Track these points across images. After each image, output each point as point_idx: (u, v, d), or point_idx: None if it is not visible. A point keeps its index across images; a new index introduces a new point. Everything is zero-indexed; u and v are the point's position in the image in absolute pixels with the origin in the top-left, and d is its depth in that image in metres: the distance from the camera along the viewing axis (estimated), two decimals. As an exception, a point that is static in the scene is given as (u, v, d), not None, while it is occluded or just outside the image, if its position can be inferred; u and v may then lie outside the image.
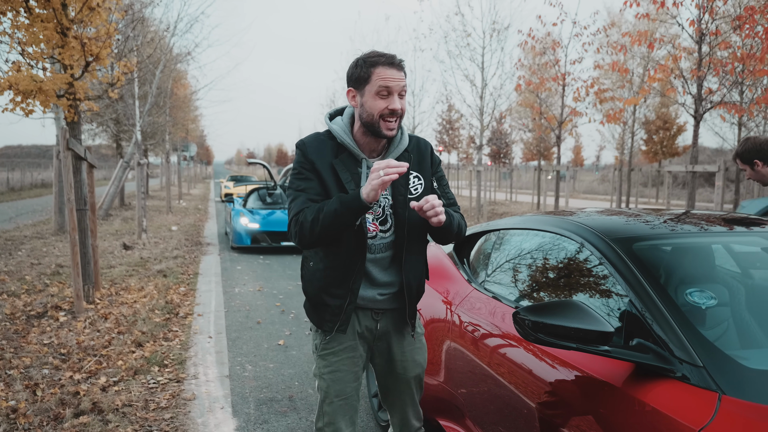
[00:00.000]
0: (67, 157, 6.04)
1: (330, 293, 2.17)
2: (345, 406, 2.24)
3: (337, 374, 2.23)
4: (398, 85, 2.04)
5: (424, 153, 2.26)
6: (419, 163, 2.23)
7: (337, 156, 2.14)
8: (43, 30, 5.95)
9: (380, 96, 2.05)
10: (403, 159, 2.18)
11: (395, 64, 2.05)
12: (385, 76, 2.04)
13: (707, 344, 1.77)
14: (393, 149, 2.18)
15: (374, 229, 2.17)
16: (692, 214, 2.84)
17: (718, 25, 9.42)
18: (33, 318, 5.83)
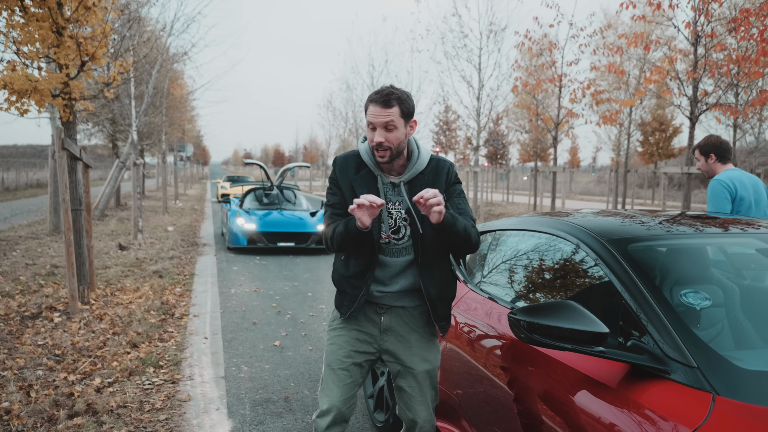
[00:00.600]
0: (63, 157, 6.02)
1: (350, 283, 2.48)
2: (334, 375, 2.49)
3: (333, 347, 2.53)
4: (379, 120, 2.29)
5: (440, 173, 2.47)
6: (434, 182, 2.43)
7: (358, 172, 2.45)
8: (38, 29, 5.93)
9: (370, 129, 2.34)
10: (418, 180, 2.42)
11: (379, 101, 2.30)
12: (371, 112, 2.32)
13: (701, 345, 1.77)
14: (408, 171, 2.44)
15: (386, 237, 2.41)
16: (687, 215, 2.85)
17: (713, 28, 9.46)
18: (27, 319, 5.81)
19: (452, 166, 2.51)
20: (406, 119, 2.36)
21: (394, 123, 2.29)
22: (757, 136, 19.87)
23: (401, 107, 2.31)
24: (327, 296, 7.58)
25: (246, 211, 12.01)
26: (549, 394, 2.10)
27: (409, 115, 2.36)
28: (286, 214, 12.03)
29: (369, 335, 2.51)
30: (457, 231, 2.27)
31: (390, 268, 2.45)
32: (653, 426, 1.62)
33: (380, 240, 2.40)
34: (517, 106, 22.13)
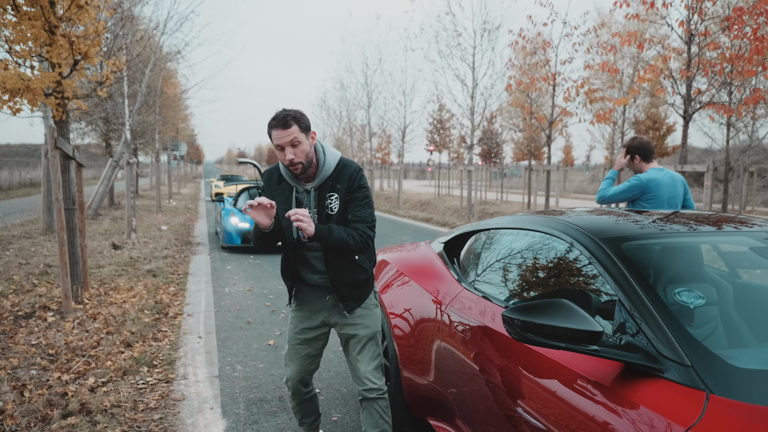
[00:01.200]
0: (55, 156, 5.99)
1: (285, 277, 3.02)
2: (292, 350, 3.05)
3: (290, 326, 3.08)
4: (285, 140, 2.66)
5: (344, 179, 2.83)
6: (337, 187, 2.82)
7: (279, 184, 2.90)
8: (30, 28, 5.89)
9: (279, 150, 2.71)
10: (324, 186, 2.82)
11: (278, 125, 2.66)
12: (275, 136, 2.69)
13: (695, 343, 1.78)
14: (317, 178, 2.82)
15: (304, 237, 2.77)
16: (681, 213, 2.86)
17: (707, 26, 9.49)
18: (21, 318, 5.78)
19: (356, 172, 2.85)
20: (306, 132, 2.72)
21: (297, 139, 2.66)
22: (750, 134, 19.96)
23: (298, 124, 2.67)
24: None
25: (240, 210, 11.98)
26: (543, 392, 2.11)
27: (307, 128, 2.73)
28: None
29: (318, 313, 3.00)
30: (331, 243, 2.71)
31: (315, 260, 2.91)
32: (647, 424, 1.63)
33: (303, 240, 2.86)
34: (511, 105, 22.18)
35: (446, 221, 18.28)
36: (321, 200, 2.82)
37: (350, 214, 2.84)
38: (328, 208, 2.83)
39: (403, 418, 3.48)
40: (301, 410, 3.17)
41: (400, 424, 3.49)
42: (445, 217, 19.92)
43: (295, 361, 3.05)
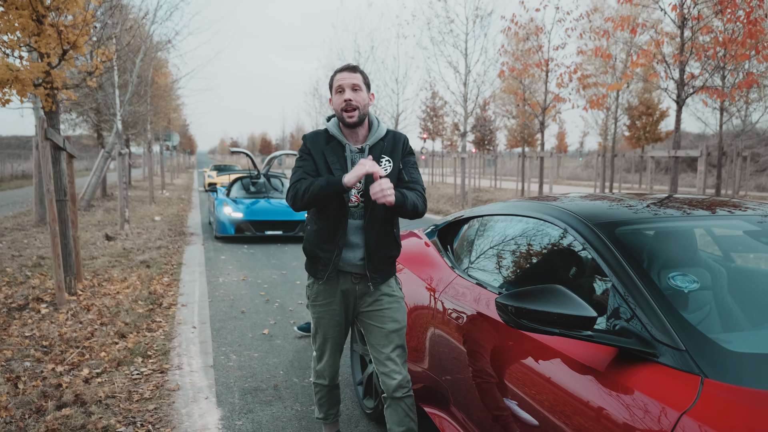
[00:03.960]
0: (46, 147, 5.93)
1: (322, 248, 2.77)
2: (328, 341, 2.93)
3: (322, 320, 2.90)
4: (347, 82, 2.67)
5: (397, 143, 2.83)
6: (392, 150, 2.80)
7: (328, 144, 2.78)
8: (18, 18, 5.81)
9: (338, 93, 2.70)
10: (378, 146, 2.78)
11: (346, 68, 2.71)
12: (338, 78, 2.70)
13: (689, 328, 1.77)
14: (371, 137, 2.79)
15: (356, 200, 2.74)
16: (675, 198, 2.85)
17: (700, 10, 9.46)
18: (14, 310, 5.75)
19: (407, 139, 2.87)
20: (367, 88, 2.75)
21: (359, 86, 2.68)
22: (743, 119, 19.99)
23: (363, 76, 2.72)
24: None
25: (233, 199, 11.94)
26: (537, 378, 2.10)
27: (369, 86, 2.77)
28: (273, 202, 11.97)
29: (346, 304, 2.86)
30: (405, 208, 2.62)
31: (357, 231, 2.76)
32: (642, 409, 1.63)
33: (349, 204, 2.72)
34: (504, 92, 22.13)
35: (440, 209, 18.28)
36: (374, 160, 2.72)
37: (407, 176, 2.80)
38: (382, 168, 2.72)
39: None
40: (329, 400, 3.11)
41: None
42: (438, 204, 19.91)
43: (335, 354, 2.98)
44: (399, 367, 2.78)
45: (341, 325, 2.92)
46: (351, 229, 2.75)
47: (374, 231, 2.74)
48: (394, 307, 2.84)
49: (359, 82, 2.68)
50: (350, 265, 2.78)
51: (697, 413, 1.50)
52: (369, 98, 2.76)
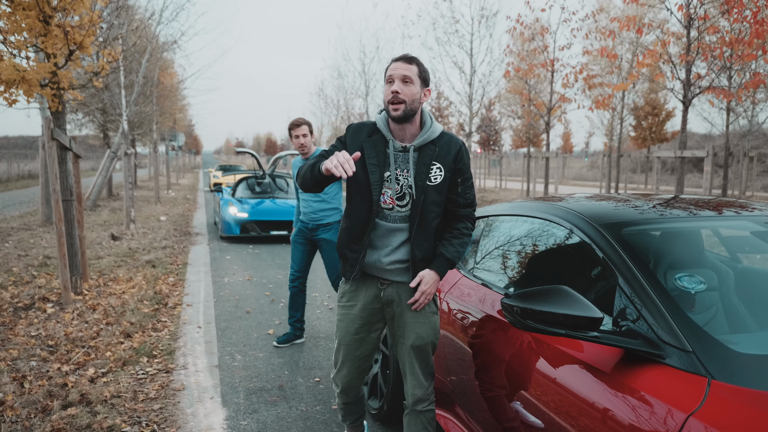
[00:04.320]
0: (52, 147, 5.96)
1: (349, 248, 2.61)
2: (341, 347, 2.73)
3: (341, 323, 2.72)
4: (398, 72, 2.43)
5: (450, 149, 2.55)
6: (443, 156, 2.53)
7: (370, 136, 2.56)
8: (25, 18, 5.84)
9: (388, 84, 2.46)
10: (427, 150, 2.51)
11: (401, 58, 2.48)
12: (391, 67, 2.47)
13: (696, 329, 1.76)
14: (420, 137, 2.53)
15: (390, 202, 2.52)
16: (681, 198, 2.84)
17: (706, 10, 9.42)
18: (20, 310, 5.77)
19: (464, 147, 2.57)
20: (423, 83, 2.48)
21: (410, 78, 2.43)
22: (750, 119, 19.90)
23: (419, 68, 2.47)
24: (320, 284, 7.57)
25: (238, 200, 11.96)
26: (542, 379, 2.10)
27: (426, 81, 2.50)
28: (278, 202, 11.98)
29: (372, 309, 2.65)
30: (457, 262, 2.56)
31: (389, 234, 2.55)
32: (648, 411, 1.62)
33: (382, 205, 2.52)
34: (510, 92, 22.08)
35: (445, 209, 18.23)
36: (421, 165, 2.49)
37: (460, 196, 2.56)
38: (430, 177, 2.50)
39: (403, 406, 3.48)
40: (348, 410, 2.94)
41: (399, 411, 3.49)
42: (444, 205, 19.84)
43: (349, 365, 2.74)
44: (420, 381, 2.63)
45: (358, 334, 2.69)
46: (382, 231, 2.55)
47: (420, 242, 2.54)
48: (420, 322, 2.60)
49: (412, 75, 2.44)
50: (378, 269, 2.60)
51: (704, 415, 1.49)
52: (423, 94, 2.50)
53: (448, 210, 2.59)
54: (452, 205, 2.58)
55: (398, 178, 2.50)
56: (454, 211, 2.59)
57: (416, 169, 2.50)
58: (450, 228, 2.60)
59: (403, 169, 2.51)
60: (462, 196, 2.56)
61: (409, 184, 2.49)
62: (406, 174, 2.51)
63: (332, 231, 4.98)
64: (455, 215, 2.60)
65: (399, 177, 2.51)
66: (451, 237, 2.58)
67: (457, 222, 2.60)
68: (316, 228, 4.99)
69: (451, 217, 2.61)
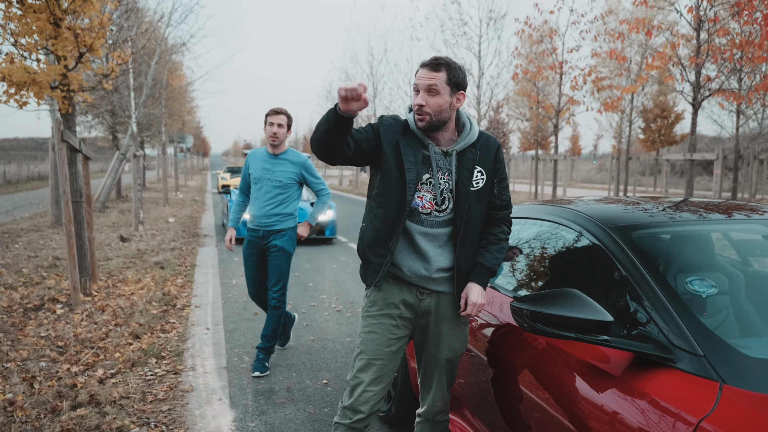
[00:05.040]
0: (62, 149, 6.00)
1: (374, 251, 2.40)
2: (372, 365, 2.40)
3: (371, 335, 2.42)
4: (423, 82, 2.26)
5: (490, 150, 2.41)
6: (484, 159, 2.39)
7: (405, 135, 2.37)
8: (35, 21, 5.89)
9: (415, 93, 2.31)
10: (469, 154, 2.36)
11: (428, 64, 2.29)
12: (418, 75, 2.31)
13: (708, 333, 1.75)
14: (461, 141, 2.37)
15: (429, 207, 2.37)
16: (691, 202, 2.82)
17: (716, 12, 9.38)
18: (30, 310, 5.81)
19: (500, 146, 2.46)
20: (453, 88, 2.29)
21: (437, 87, 2.25)
22: (760, 122, 19.78)
23: (449, 74, 2.26)
24: (328, 286, 7.57)
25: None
26: (551, 383, 2.09)
27: (458, 85, 2.30)
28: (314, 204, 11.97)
29: (405, 319, 2.45)
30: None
31: (428, 240, 2.39)
32: (659, 415, 1.61)
33: (420, 209, 2.36)
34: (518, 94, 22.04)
35: (453, 211, 18.21)
36: (463, 170, 2.34)
37: (497, 198, 2.43)
38: (473, 182, 2.35)
39: (411, 409, 3.47)
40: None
41: (408, 414, 3.48)
42: (451, 207, 19.83)
43: (378, 384, 2.41)
44: (443, 394, 2.55)
45: (391, 347, 2.42)
46: (420, 237, 2.38)
47: (466, 250, 2.39)
48: (455, 334, 2.48)
49: (439, 83, 2.25)
50: (419, 278, 2.40)
51: (715, 420, 1.48)
52: (456, 99, 2.32)
53: (486, 213, 2.46)
54: (490, 208, 2.45)
55: (439, 182, 2.35)
56: (490, 214, 2.46)
57: (458, 174, 2.35)
58: (487, 233, 2.47)
59: (444, 173, 2.35)
60: (499, 197, 2.44)
61: (450, 188, 2.35)
62: (447, 178, 2.35)
63: (285, 238, 4.48)
64: (492, 218, 2.47)
65: (440, 181, 2.35)
66: (488, 244, 2.45)
67: (494, 226, 2.47)
68: (267, 236, 4.48)
69: (487, 221, 2.47)
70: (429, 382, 2.55)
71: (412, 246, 2.39)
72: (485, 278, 2.40)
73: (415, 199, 2.35)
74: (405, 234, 2.39)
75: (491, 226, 2.47)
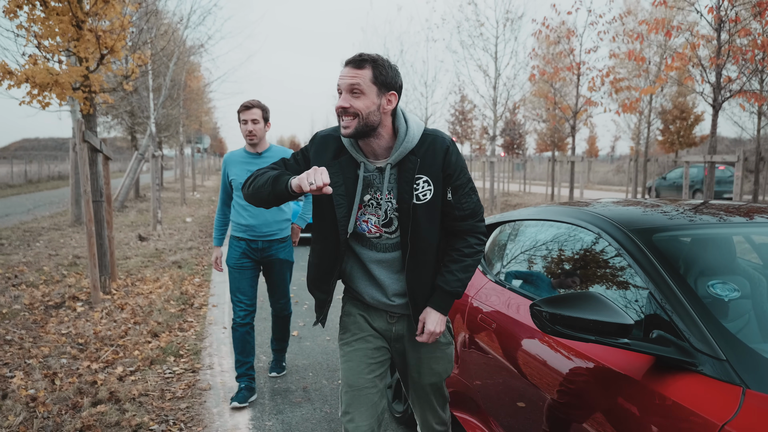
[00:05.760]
0: (83, 149, 6.08)
1: (318, 287, 2.29)
2: (359, 397, 2.20)
3: (350, 364, 2.25)
4: (345, 81, 2.01)
5: (435, 155, 2.09)
6: (429, 166, 2.09)
7: (337, 158, 2.13)
8: (58, 23, 5.98)
9: (339, 94, 2.05)
10: (407, 163, 2.08)
11: (350, 61, 2.03)
12: (340, 74, 2.04)
13: (730, 337, 1.73)
14: (396, 151, 2.08)
15: (377, 230, 2.17)
16: (711, 204, 2.79)
17: (737, 12, 9.26)
18: (51, 308, 5.89)
19: (452, 145, 2.12)
20: (381, 88, 2.01)
21: (360, 87, 1.98)
22: (781, 123, 19.47)
23: (375, 71, 1.99)
24: (340, 285, 7.58)
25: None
26: (569, 385, 2.08)
27: (386, 85, 2.02)
28: (302, 205, 12.03)
29: (381, 344, 2.31)
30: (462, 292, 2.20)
31: (383, 266, 2.21)
32: (680, 419, 1.59)
33: (367, 234, 2.17)
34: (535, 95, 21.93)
35: (469, 213, 18.13)
36: (403, 183, 2.08)
37: (455, 208, 2.13)
38: (417, 195, 2.08)
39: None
40: None
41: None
42: (467, 208, 19.75)
43: (366, 410, 2.21)
44: (439, 416, 2.46)
45: (372, 372, 2.25)
46: (373, 265, 2.21)
47: (417, 271, 2.17)
48: (436, 357, 2.31)
49: (362, 82, 1.98)
50: (383, 304, 2.26)
51: (738, 425, 1.47)
52: (386, 101, 2.04)
53: (446, 225, 2.18)
54: (448, 219, 2.16)
55: (379, 202, 2.12)
56: (451, 226, 2.18)
57: (399, 188, 2.09)
58: (450, 249, 2.21)
59: (384, 191, 2.10)
60: (457, 207, 2.13)
61: (394, 207, 2.12)
62: (389, 196, 2.11)
63: (289, 248, 4.13)
64: (454, 231, 2.19)
65: (380, 201, 2.12)
66: (450, 262, 2.19)
67: (457, 240, 2.20)
68: (269, 246, 3.99)
69: (450, 234, 2.22)
70: (420, 406, 2.44)
71: (367, 274, 2.24)
72: (445, 302, 2.18)
73: (360, 225, 2.16)
74: (359, 262, 2.24)
75: (455, 239, 2.21)
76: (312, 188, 1.83)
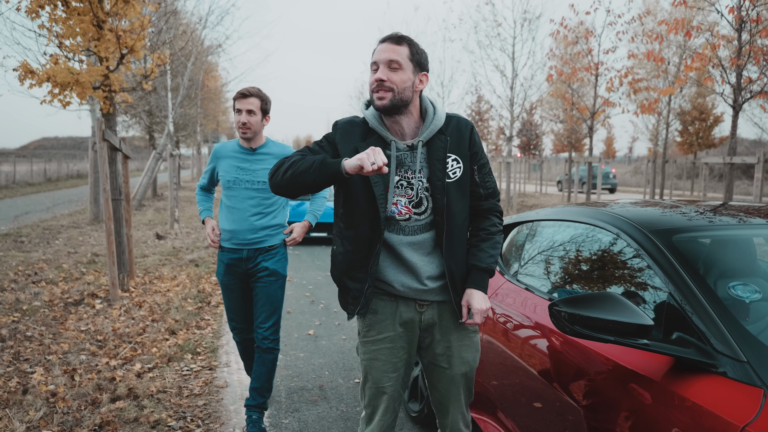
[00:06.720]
0: (103, 148, 6.15)
1: (351, 276, 2.19)
2: (383, 393, 2.23)
3: (375, 363, 2.22)
4: (383, 56, 2.06)
5: (462, 134, 2.17)
6: (457, 145, 2.15)
7: (365, 140, 2.15)
8: (79, 23, 6.06)
9: (373, 71, 2.10)
10: (437, 142, 2.13)
11: (388, 38, 2.10)
12: (377, 50, 2.10)
13: (751, 339, 1.72)
14: (426, 129, 2.13)
15: (407, 211, 2.14)
16: (730, 206, 2.77)
17: (759, 12, 9.15)
18: (70, 305, 5.97)
19: (474, 128, 2.20)
20: (416, 67, 2.10)
21: (399, 62, 2.05)
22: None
23: (411, 50, 2.08)
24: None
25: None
26: (587, 386, 2.07)
27: (420, 64, 2.11)
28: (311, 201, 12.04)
29: (408, 336, 2.24)
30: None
31: (413, 250, 2.15)
32: (700, 421, 1.58)
33: (397, 216, 2.13)
34: (552, 96, 21.82)
35: (484, 213, 18.08)
36: (435, 161, 2.11)
37: (480, 186, 2.19)
38: (448, 173, 2.12)
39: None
40: None
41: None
42: (483, 209, 19.69)
43: (390, 413, 2.25)
44: (464, 414, 2.35)
45: (398, 371, 2.23)
46: (404, 248, 2.15)
47: (453, 250, 2.15)
48: (466, 345, 2.26)
49: (401, 58, 2.04)
50: (414, 291, 2.17)
51: (759, 427, 1.45)
52: (418, 80, 2.11)
53: (471, 206, 2.22)
54: (473, 199, 2.20)
55: (410, 181, 2.12)
56: (476, 206, 2.22)
57: (430, 167, 2.12)
58: (477, 229, 2.23)
59: (414, 171, 2.12)
60: (482, 185, 2.20)
61: (425, 186, 2.13)
62: (420, 175, 2.12)
63: (278, 258, 3.49)
64: (479, 210, 2.23)
65: (411, 180, 2.13)
66: (480, 241, 2.21)
67: (483, 220, 2.24)
68: (254, 256, 3.42)
69: (474, 215, 2.24)
70: (445, 404, 2.31)
71: (398, 259, 2.16)
72: (484, 281, 2.19)
73: (390, 207, 2.11)
74: (387, 247, 2.16)
75: (480, 219, 2.24)
76: (374, 168, 1.83)
